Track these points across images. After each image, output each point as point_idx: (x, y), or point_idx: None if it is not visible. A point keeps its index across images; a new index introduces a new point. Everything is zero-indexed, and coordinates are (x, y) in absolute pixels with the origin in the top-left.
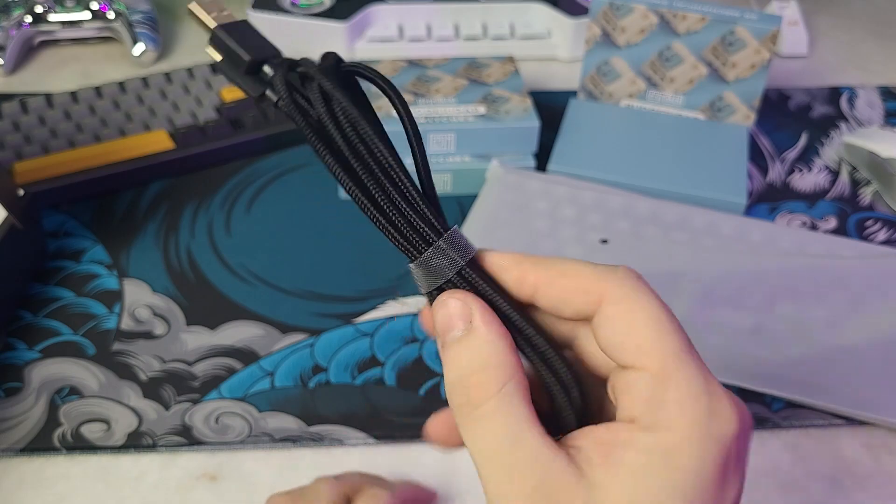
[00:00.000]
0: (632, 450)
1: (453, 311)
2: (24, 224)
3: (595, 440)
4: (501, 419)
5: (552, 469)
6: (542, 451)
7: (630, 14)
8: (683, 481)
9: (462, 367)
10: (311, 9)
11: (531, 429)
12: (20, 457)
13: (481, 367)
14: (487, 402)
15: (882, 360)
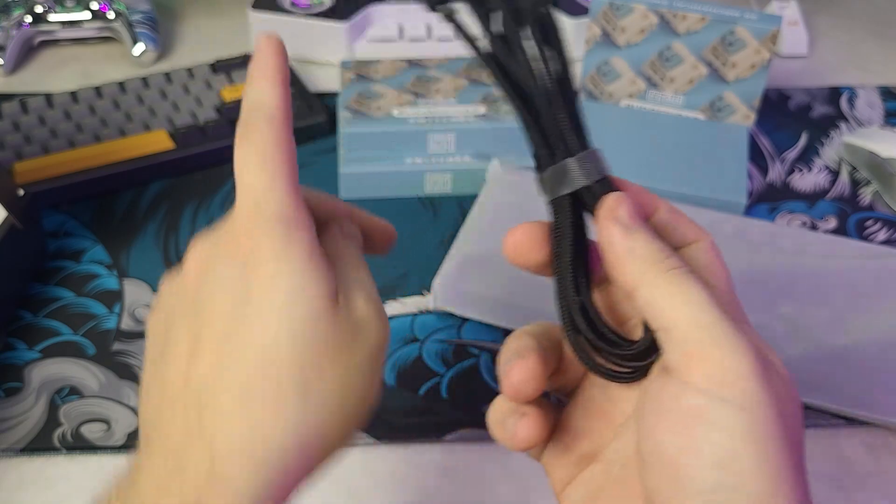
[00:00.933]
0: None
1: (637, 208)
2: (24, 224)
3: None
4: (704, 284)
5: (744, 328)
6: (736, 318)
7: (630, 14)
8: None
9: (662, 246)
10: (311, 8)
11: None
12: (20, 457)
13: (671, 250)
14: (693, 272)
15: (882, 361)
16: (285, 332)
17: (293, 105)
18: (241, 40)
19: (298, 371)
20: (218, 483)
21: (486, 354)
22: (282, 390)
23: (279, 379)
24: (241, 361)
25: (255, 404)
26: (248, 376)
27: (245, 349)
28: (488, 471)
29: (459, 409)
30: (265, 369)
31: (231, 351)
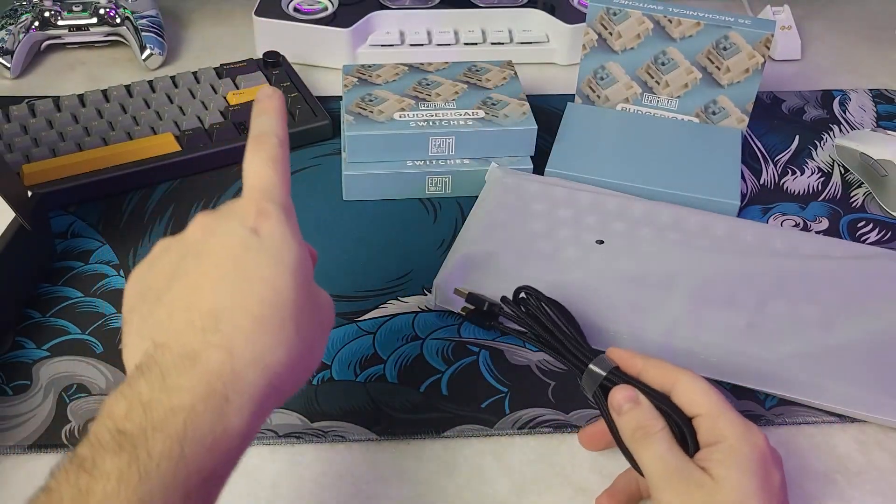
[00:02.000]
0: (714, 454)
1: (628, 393)
2: (32, 225)
3: (699, 457)
4: (665, 438)
5: (688, 464)
6: (684, 457)
7: (626, 20)
8: (744, 463)
9: (640, 418)
10: (314, 15)
11: (676, 446)
12: (29, 453)
13: (651, 417)
14: (658, 431)
15: (873, 359)
16: (290, 277)
17: (297, 109)
18: (246, 45)
19: (295, 307)
20: (238, 379)
21: (485, 352)
22: (284, 319)
23: (283, 310)
24: (252, 292)
25: (266, 326)
26: (258, 306)
27: (256, 284)
28: (487, 466)
29: (459, 406)
30: (275, 301)
31: (244, 284)
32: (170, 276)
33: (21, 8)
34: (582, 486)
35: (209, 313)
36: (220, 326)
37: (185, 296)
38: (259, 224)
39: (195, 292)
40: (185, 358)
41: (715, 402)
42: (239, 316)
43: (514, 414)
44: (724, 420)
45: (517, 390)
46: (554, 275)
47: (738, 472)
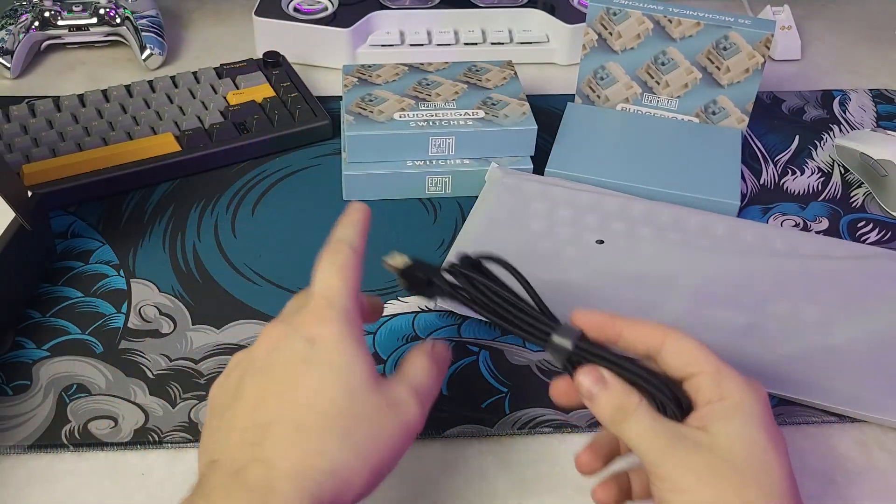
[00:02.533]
0: (716, 413)
1: (592, 376)
2: (32, 225)
3: (695, 418)
4: (646, 412)
5: (681, 429)
6: (673, 424)
7: (626, 19)
8: (753, 417)
9: (613, 399)
10: (314, 15)
11: (660, 416)
12: (29, 453)
13: (624, 393)
14: (636, 407)
15: (873, 359)
16: (335, 387)
17: (297, 109)
18: (246, 45)
19: (341, 418)
20: (274, 493)
21: (485, 352)
22: (327, 430)
23: (326, 421)
24: (298, 403)
25: (306, 437)
26: (302, 415)
27: (302, 394)
28: (487, 465)
29: (460, 405)
30: (316, 411)
31: (291, 395)
32: (233, 394)
33: (21, 8)
34: (582, 486)
35: (259, 427)
36: (265, 439)
37: (242, 414)
38: (316, 332)
39: (252, 410)
40: (232, 475)
41: (712, 360)
42: (282, 427)
43: (514, 414)
44: (726, 376)
45: (517, 390)
46: (554, 275)
47: (743, 425)
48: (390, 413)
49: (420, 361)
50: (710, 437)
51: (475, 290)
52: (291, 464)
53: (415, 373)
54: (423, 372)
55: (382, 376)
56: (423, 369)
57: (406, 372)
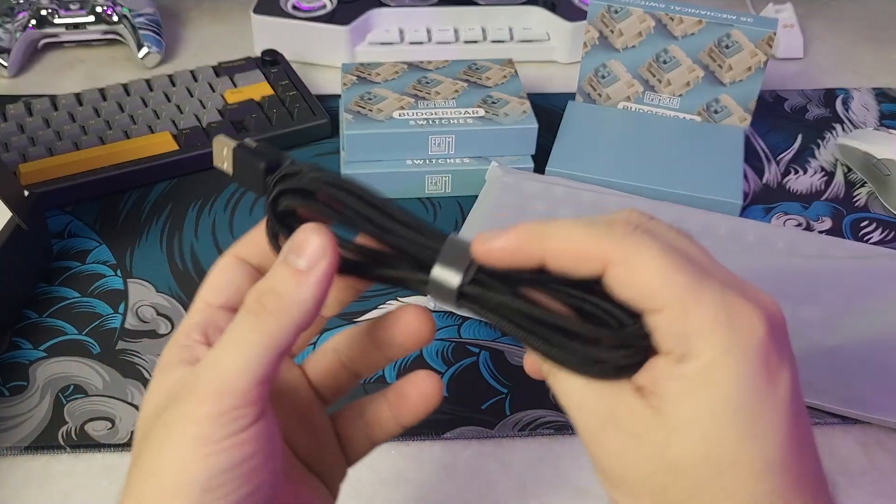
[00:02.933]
0: (673, 379)
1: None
2: (29, 225)
3: (647, 376)
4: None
5: (622, 400)
6: (610, 387)
7: (627, 17)
8: (725, 395)
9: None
10: (312, 13)
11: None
12: (25, 454)
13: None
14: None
15: (876, 360)
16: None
17: (296, 108)
18: (245, 43)
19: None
20: None
21: (485, 353)
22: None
23: None
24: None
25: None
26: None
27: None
28: (488, 468)
29: (460, 407)
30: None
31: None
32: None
33: (18, 6)
34: (583, 488)
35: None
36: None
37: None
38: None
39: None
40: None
41: (678, 284)
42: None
43: (514, 415)
44: (696, 314)
45: (518, 391)
46: None
47: (710, 413)
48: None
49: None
50: (661, 425)
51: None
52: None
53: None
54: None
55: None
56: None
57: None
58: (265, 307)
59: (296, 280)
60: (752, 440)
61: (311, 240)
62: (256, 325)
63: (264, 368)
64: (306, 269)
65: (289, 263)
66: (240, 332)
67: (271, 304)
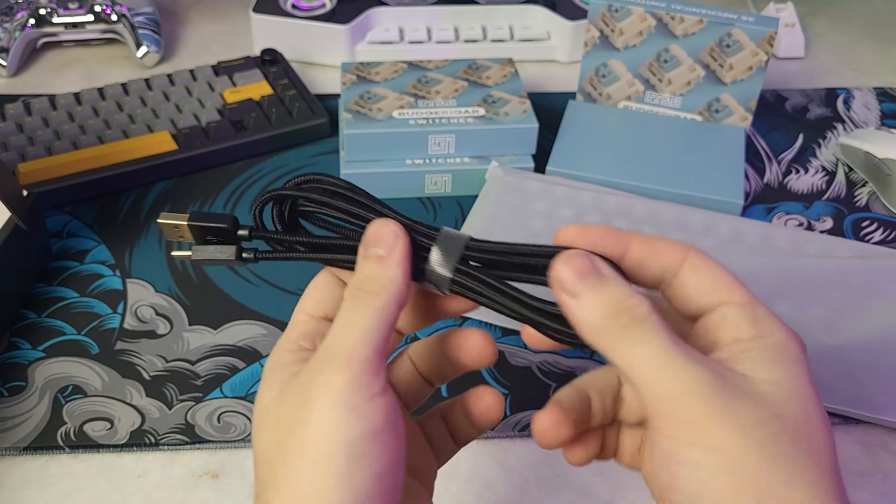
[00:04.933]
0: (759, 353)
1: (581, 262)
2: (27, 224)
3: (725, 354)
4: (661, 328)
5: (712, 364)
6: (696, 351)
7: (628, 16)
8: (795, 360)
9: (615, 298)
10: (312, 12)
11: (679, 337)
12: (24, 455)
13: (631, 294)
14: (650, 315)
15: (878, 360)
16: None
17: (295, 107)
18: (244, 43)
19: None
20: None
21: None
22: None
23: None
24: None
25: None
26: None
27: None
28: (487, 468)
29: None
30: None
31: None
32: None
33: (17, 5)
34: (584, 488)
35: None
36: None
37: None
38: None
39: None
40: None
41: (745, 289)
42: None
43: (514, 416)
44: (762, 310)
45: (518, 392)
46: None
47: (791, 375)
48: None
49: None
50: (751, 383)
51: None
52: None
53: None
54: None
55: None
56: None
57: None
58: (366, 290)
59: (383, 264)
60: (824, 415)
61: (382, 231)
62: (363, 304)
63: (380, 339)
64: (387, 254)
65: (371, 256)
66: (352, 312)
67: (370, 287)
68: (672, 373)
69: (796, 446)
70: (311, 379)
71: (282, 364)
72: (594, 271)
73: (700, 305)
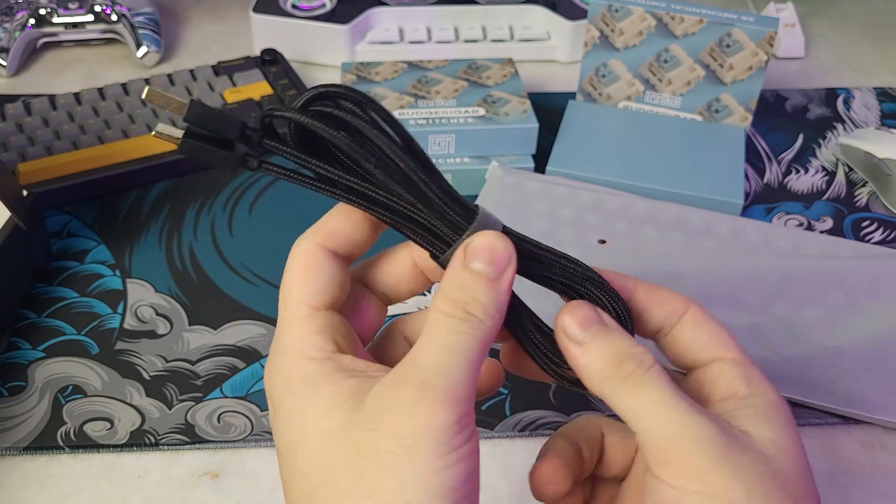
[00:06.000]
0: (754, 410)
1: (586, 312)
2: (27, 224)
3: (720, 410)
4: (662, 376)
5: (714, 417)
6: (690, 413)
7: (628, 16)
8: (788, 421)
9: (619, 347)
10: (312, 12)
11: (677, 386)
12: (24, 455)
13: (634, 344)
14: (654, 364)
15: (877, 360)
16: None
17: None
18: (244, 43)
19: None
20: None
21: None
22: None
23: None
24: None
25: None
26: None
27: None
28: (488, 470)
29: None
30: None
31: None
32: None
33: (17, 5)
34: None
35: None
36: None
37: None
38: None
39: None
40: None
41: (739, 346)
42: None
43: (515, 416)
44: (755, 369)
45: (518, 392)
46: None
47: (785, 433)
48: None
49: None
50: (751, 440)
51: (323, 153)
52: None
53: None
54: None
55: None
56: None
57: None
58: (474, 315)
59: (493, 288)
60: (809, 467)
61: (498, 247)
62: (468, 331)
63: (478, 374)
64: (497, 277)
65: (479, 272)
66: (456, 337)
67: (478, 311)
68: (677, 422)
69: (795, 501)
70: (410, 411)
71: (320, 375)
72: (598, 321)
73: (695, 359)
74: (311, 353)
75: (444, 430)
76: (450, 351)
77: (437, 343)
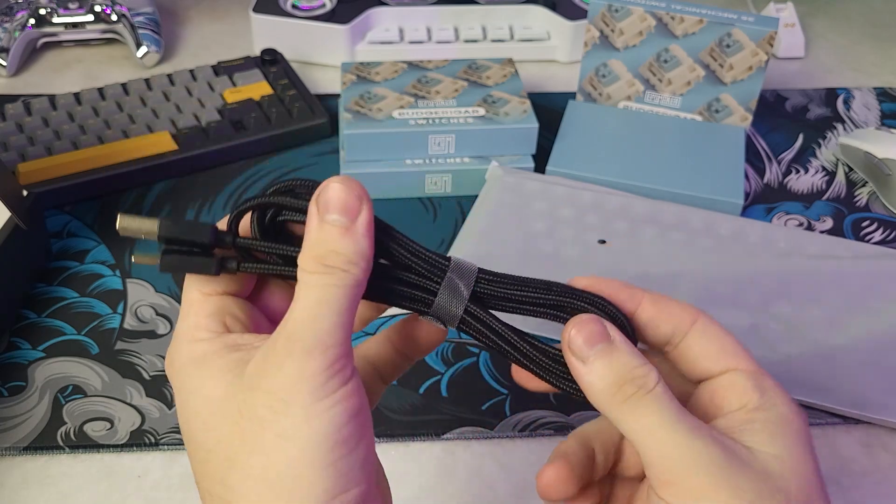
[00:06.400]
0: (763, 423)
1: (595, 327)
2: (27, 224)
3: (725, 425)
4: (667, 395)
5: (716, 435)
6: (703, 424)
7: (628, 16)
8: (798, 434)
9: (624, 367)
10: (312, 12)
11: (681, 405)
12: (24, 455)
13: (640, 363)
14: (658, 384)
15: (878, 360)
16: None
17: (295, 107)
18: (244, 43)
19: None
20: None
21: (485, 353)
22: None
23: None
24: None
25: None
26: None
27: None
28: (487, 469)
29: (459, 408)
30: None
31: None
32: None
33: (17, 5)
34: None
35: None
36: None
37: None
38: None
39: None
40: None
41: (750, 357)
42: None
43: (514, 416)
44: (768, 380)
45: (518, 392)
46: (555, 275)
47: (794, 449)
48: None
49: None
50: (755, 456)
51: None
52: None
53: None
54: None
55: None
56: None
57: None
58: (334, 265)
59: (348, 236)
60: (822, 481)
61: (344, 194)
62: (332, 282)
63: (349, 320)
64: (351, 223)
65: (332, 223)
66: (320, 290)
67: (338, 262)
68: (679, 445)
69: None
70: (280, 366)
71: (208, 353)
72: (605, 338)
73: (706, 369)
74: (201, 334)
75: (315, 377)
76: (317, 303)
77: (305, 301)
